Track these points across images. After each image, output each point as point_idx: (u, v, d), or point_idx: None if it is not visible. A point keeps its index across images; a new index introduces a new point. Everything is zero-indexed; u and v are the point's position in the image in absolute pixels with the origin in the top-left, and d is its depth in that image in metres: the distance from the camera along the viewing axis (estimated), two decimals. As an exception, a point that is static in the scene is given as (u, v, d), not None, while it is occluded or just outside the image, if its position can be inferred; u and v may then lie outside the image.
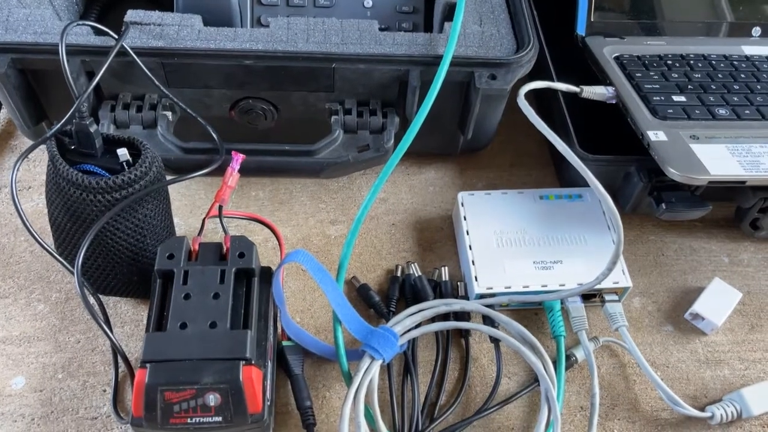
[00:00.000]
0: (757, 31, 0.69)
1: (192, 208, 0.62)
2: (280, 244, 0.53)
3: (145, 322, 0.50)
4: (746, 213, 0.59)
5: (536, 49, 0.55)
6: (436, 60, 0.53)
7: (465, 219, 0.58)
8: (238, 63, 0.53)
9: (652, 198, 0.57)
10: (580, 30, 0.68)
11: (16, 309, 0.55)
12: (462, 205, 0.59)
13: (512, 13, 0.59)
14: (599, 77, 0.63)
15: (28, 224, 0.46)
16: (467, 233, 0.57)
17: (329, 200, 0.64)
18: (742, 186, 0.54)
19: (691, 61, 0.64)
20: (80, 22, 0.50)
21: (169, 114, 0.56)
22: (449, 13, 0.58)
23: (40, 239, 0.47)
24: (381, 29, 0.57)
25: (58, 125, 0.46)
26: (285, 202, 0.63)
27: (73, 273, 0.45)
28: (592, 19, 0.68)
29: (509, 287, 0.54)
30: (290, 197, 0.63)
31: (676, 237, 0.63)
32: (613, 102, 0.60)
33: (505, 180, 0.67)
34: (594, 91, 0.60)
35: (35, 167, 0.64)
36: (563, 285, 0.54)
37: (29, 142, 0.64)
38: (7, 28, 0.53)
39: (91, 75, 0.54)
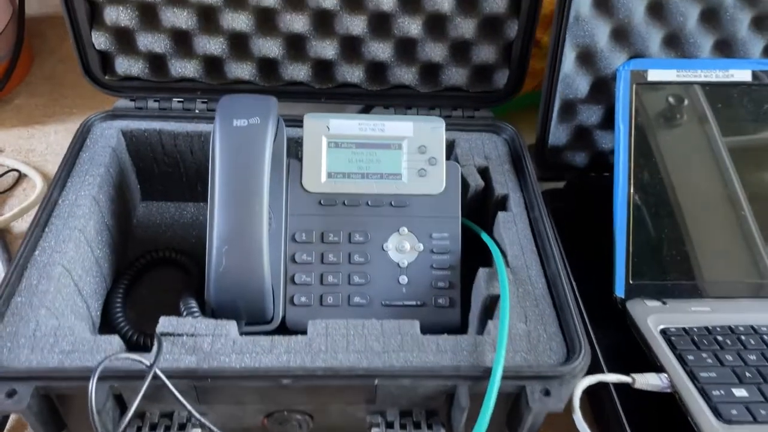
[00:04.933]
0: (802, 295, 0.67)
1: None
2: None
3: None
4: None
5: (589, 355, 0.52)
6: (485, 373, 0.50)
7: None
8: (275, 383, 0.50)
9: None
10: (619, 292, 0.66)
11: None
12: None
13: (558, 308, 0.56)
14: (647, 354, 0.60)
15: None
16: None
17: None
18: None
19: (742, 336, 0.61)
20: (115, 356, 0.48)
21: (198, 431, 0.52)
22: (491, 307, 0.56)
23: None
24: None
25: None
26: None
27: None
28: (630, 282, 0.66)
29: None
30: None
31: None
32: (668, 391, 0.57)
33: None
34: (647, 382, 0.57)
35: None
36: None
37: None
38: (33, 347, 0.51)
39: (118, 397, 0.50)
